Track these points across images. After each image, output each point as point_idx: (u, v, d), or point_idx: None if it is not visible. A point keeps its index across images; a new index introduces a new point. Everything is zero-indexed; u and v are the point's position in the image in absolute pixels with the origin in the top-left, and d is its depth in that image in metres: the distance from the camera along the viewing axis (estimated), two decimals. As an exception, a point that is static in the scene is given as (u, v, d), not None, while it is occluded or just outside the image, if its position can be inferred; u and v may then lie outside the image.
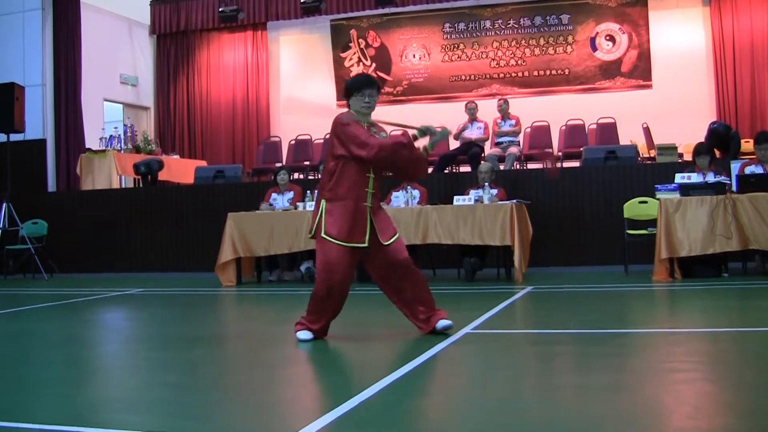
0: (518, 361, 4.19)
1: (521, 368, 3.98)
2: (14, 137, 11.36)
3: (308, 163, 12.39)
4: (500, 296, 6.82)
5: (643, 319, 5.81)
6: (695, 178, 7.91)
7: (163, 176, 12.08)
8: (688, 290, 7.01)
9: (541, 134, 12.01)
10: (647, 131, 11.57)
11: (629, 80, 13.26)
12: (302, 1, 13.17)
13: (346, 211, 4.54)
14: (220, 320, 6.72)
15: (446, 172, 10.67)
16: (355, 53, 14.50)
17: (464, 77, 13.94)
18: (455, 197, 8.36)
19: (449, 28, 14.07)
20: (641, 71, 13.20)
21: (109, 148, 12.29)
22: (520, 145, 11.20)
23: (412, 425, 2.97)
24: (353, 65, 14.47)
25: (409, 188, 8.66)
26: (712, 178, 7.86)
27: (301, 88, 14.91)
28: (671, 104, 12.72)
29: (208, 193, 10.75)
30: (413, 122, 4.80)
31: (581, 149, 10.31)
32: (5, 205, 10.71)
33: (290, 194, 9.22)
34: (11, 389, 3.69)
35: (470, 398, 3.33)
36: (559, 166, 9.99)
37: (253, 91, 14.82)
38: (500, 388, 3.50)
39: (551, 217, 9.27)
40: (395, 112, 12.21)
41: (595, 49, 13.41)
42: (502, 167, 10.19)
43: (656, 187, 7.98)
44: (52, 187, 12.19)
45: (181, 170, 12.81)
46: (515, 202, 8.17)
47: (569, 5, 13.52)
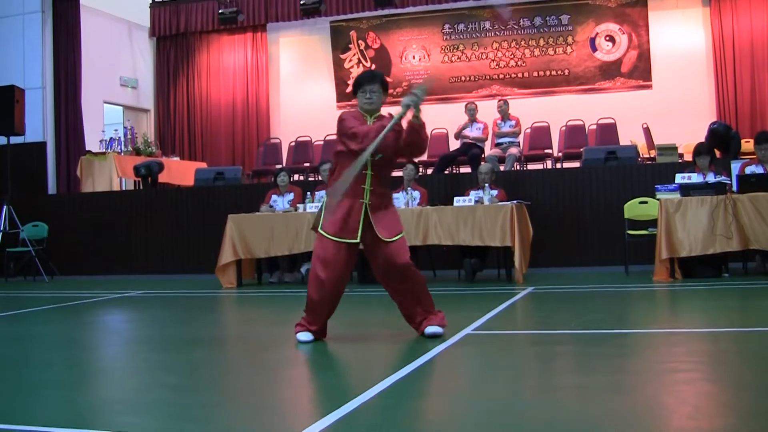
0: (519, 361, 4.19)
1: (522, 369, 3.98)
2: (14, 140, 11.36)
3: (308, 164, 12.37)
4: (501, 297, 6.82)
5: (643, 319, 5.81)
6: (695, 178, 7.91)
7: (163, 178, 12.08)
8: (688, 290, 7.01)
9: (541, 135, 12.00)
10: (647, 131, 11.57)
11: (629, 81, 13.26)
12: (302, 2, 13.17)
13: (341, 207, 4.54)
14: (220, 322, 6.72)
15: (446, 173, 10.68)
16: (354, 54, 14.50)
17: (464, 78, 13.95)
18: (455, 198, 8.36)
19: (449, 29, 14.07)
20: (641, 71, 13.20)
21: (109, 150, 12.29)
22: (520, 145, 11.20)
23: (412, 426, 2.97)
24: (353, 66, 14.47)
25: (409, 189, 8.67)
26: (712, 178, 7.86)
27: (301, 89, 14.90)
28: (671, 104, 12.72)
29: (208, 195, 10.75)
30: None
31: (581, 150, 10.31)
32: (6, 207, 10.70)
33: (290, 196, 9.22)
34: (12, 391, 3.69)
35: (470, 399, 3.33)
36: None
37: (253, 92, 14.83)
38: (501, 388, 3.50)
39: (551, 217, 9.27)
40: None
41: (594, 49, 13.41)
42: (502, 168, 10.19)
43: (656, 187, 7.98)
44: (52, 189, 12.19)
45: (181, 172, 12.81)
46: (515, 202, 8.17)
47: (569, 6, 13.53)
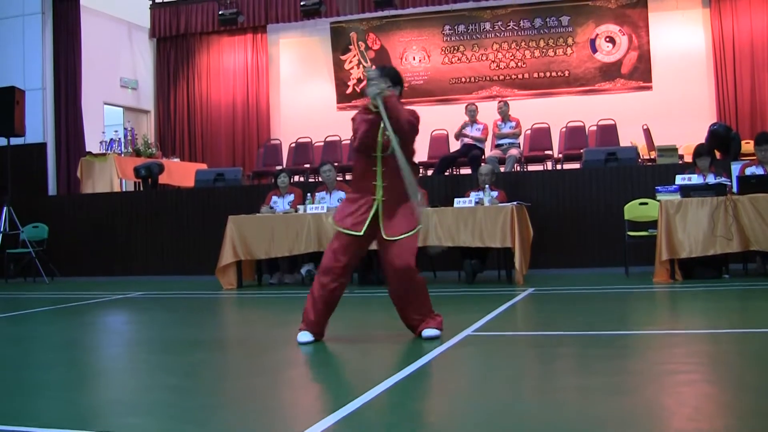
0: (519, 363, 4.19)
1: (522, 370, 3.98)
2: (15, 141, 11.36)
3: (308, 165, 12.38)
4: (501, 298, 6.82)
5: (643, 320, 5.81)
6: (696, 179, 7.91)
7: (163, 179, 12.08)
8: (688, 292, 7.01)
9: (541, 136, 12.00)
10: (647, 133, 11.57)
11: (629, 82, 13.26)
12: (302, 3, 13.17)
13: (352, 201, 4.70)
14: (220, 323, 6.72)
15: (446, 174, 10.68)
16: (355, 56, 14.51)
17: (464, 79, 13.95)
18: (455, 199, 8.36)
19: (449, 30, 14.08)
20: (641, 73, 13.21)
21: (109, 151, 12.29)
22: (520, 147, 11.20)
23: (413, 427, 2.97)
24: (353, 68, 14.49)
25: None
26: (712, 179, 7.86)
27: (301, 90, 14.92)
28: (671, 106, 12.72)
29: (208, 196, 10.76)
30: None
31: (581, 151, 10.31)
32: (6, 208, 10.71)
33: (291, 197, 9.22)
34: (13, 392, 3.69)
35: (471, 400, 3.33)
36: None
37: (253, 93, 14.83)
38: (501, 390, 3.50)
39: (552, 218, 9.27)
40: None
41: (595, 50, 13.41)
42: (502, 169, 10.20)
43: (657, 188, 7.98)
44: (52, 190, 12.18)
45: (181, 173, 12.81)
46: (516, 204, 8.17)
47: (569, 7, 13.53)
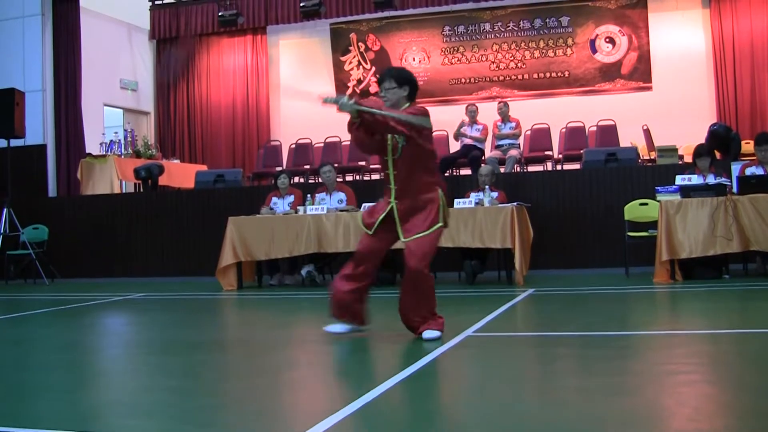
0: (519, 363, 4.19)
1: (522, 371, 3.98)
2: (15, 142, 11.36)
3: (308, 166, 12.38)
4: (501, 299, 6.82)
5: (644, 321, 5.81)
6: (696, 179, 7.91)
7: (163, 181, 12.08)
8: (688, 292, 7.01)
9: (541, 137, 12.00)
10: (647, 133, 11.57)
11: (629, 82, 13.27)
12: (302, 5, 13.17)
13: (379, 202, 4.90)
14: (220, 324, 6.72)
15: (446, 175, 10.67)
16: (354, 57, 14.51)
17: (464, 80, 13.96)
18: (455, 200, 8.35)
19: (449, 31, 14.08)
20: (641, 73, 13.21)
21: (109, 153, 12.30)
22: (520, 147, 11.20)
23: (413, 428, 2.97)
24: (353, 69, 14.49)
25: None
26: (712, 179, 7.86)
27: (301, 91, 14.91)
28: (671, 106, 12.72)
29: (208, 197, 10.76)
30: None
31: (581, 151, 10.31)
32: (6, 210, 10.71)
33: (291, 198, 9.22)
34: (13, 394, 3.69)
35: (471, 401, 3.33)
36: None
37: (253, 95, 14.84)
38: (501, 390, 3.50)
39: (552, 219, 9.27)
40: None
41: (594, 51, 13.42)
42: (502, 170, 10.19)
43: (657, 188, 7.97)
44: (52, 192, 12.19)
45: (181, 175, 12.82)
46: (516, 204, 8.17)
47: (569, 7, 13.54)
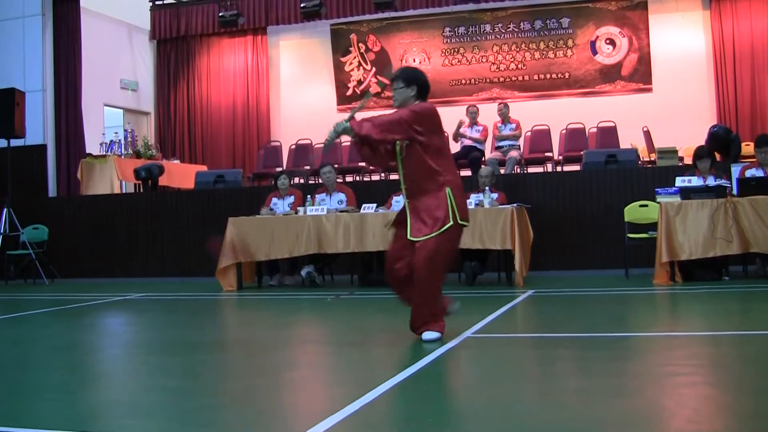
0: (519, 365, 4.19)
1: (522, 372, 3.98)
2: (15, 142, 11.36)
3: (308, 167, 12.37)
4: (501, 300, 6.82)
5: (644, 322, 5.81)
6: (696, 181, 7.91)
7: (163, 181, 12.08)
8: (688, 294, 7.01)
9: (541, 138, 12.00)
10: (647, 135, 11.57)
11: (629, 84, 13.27)
12: (302, 5, 13.18)
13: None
14: (220, 325, 6.72)
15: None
16: (355, 57, 14.51)
17: (464, 81, 13.96)
18: (456, 201, 8.34)
19: (449, 32, 14.08)
20: (641, 75, 13.21)
21: (109, 153, 12.30)
22: (520, 149, 11.20)
23: (413, 429, 2.97)
24: (353, 69, 14.49)
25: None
26: (712, 181, 7.86)
27: (301, 92, 14.93)
28: (671, 108, 12.72)
29: (208, 197, 10.76)
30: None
31: (582, 153, 10.32)
32: (6, 210, 10.71)
33: (291, 199, 9.22)
34: (13, 394, 3.69)
35: (471, 402, 3.33)
36: None
37: (253, 95, 14.84)
38: (501, 391, 3.50)
39: (552, 220, 9.27)
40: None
41: (595, 52, 13.42)
42: (502, 171, 10.20)
43: (657, 190, 7.97)
44: (52, 192, 12.19)
45: (181, 175, 12.82)
46: (516, 206, 8.17)
47: (569, 9, 13.54)
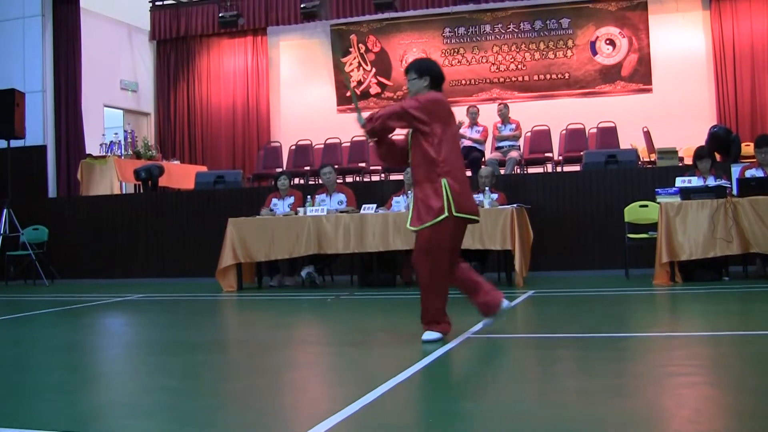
0: (519, 365, 4.19)
1: (522, 372, 3.98)
2: (15, 143, 11.36)
3: (309, 168, 12.37)
4: (501, 300, 6.79)
5: (644, 323, 5.81)
6: (696, 181, 7.91)
7: (163, 182, 12.08)
8: (688, 294, 7.01)
9: (541, 138, 12.00)
10: (648, 135, 11.57)
11: (629, 84, 13.27)
12: (302, 6, 13.18)
13: None
14: (221, 325, 6.72)
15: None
16: (355, 58, 14.51)
17: (464, 82, 13.95)
18: (456, 201, 8.34)
19: (449, 32, 14.08)
20: (641, 75, 13.21)
21: (109, 154, 12.29)
22: (520, 149, 11.21)
23: (412, 429, 2.97)
24: (353, 70, 14.49)
25: (409, 193, 8.67)
26: (712, 181, 7.86)
27: (301, 93, 14.93)
28: (671, 108, 12.73)
29: (208, 198, 10.76)
30: None
31: (582, 153, 10.32)
32: (6, 211, 10.70)
33: (291, 199, 9.22)
34: (13, 394, 3.69)
35: (471, 402, 3.33)
36: None
37: (253, 96, 14.84)
38: (501, 392, 3.50)
39: (552, 221, 9.27)
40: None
41: (595, 53, 13.42)
42: (502, 172, 10.20)
43: (657, 190, 7.97)
44: (52, 193, 12.18)
45: (181, 176, 12.82)
46: (516, 206, 8.17)
47: (569, 9, 13.54)
